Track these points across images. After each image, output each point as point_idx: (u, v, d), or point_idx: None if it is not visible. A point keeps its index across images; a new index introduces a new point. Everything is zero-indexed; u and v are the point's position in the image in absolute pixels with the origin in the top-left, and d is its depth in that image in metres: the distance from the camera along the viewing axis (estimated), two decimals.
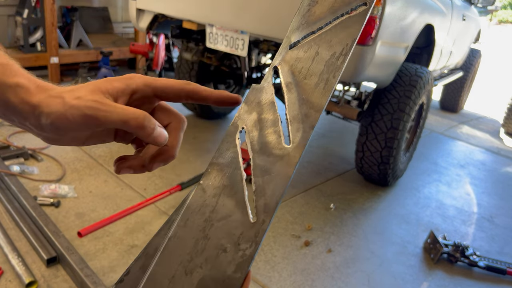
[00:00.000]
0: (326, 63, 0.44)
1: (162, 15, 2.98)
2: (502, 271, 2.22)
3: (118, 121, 0.37)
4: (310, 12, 0.46)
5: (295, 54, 0.45)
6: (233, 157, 0.42)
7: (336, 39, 0.45)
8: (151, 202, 2.28)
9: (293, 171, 0.40)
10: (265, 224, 0.38)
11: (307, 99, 0.43)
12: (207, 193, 0.40)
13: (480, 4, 4.57)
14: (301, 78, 0.44)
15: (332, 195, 2.82)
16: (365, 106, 2.89)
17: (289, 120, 0.43)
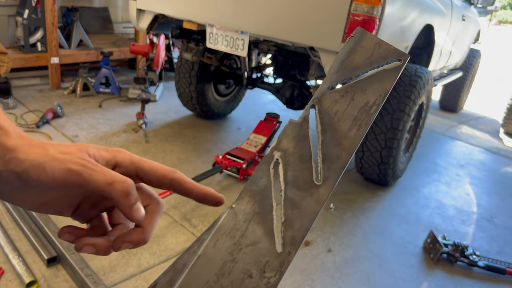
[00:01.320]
0: (360, 109, 0.46)
1: (162, 15, 2.98)
2: (502, 271, 2.22)
3: (103, 182, 0.36)
4: (349, 59, 0.49)
5: (333, 96, 0.47)
6: (266, 185, 0.43)
7: (371, 89, 0.47)
8: None
9: (320, 209, 0.41)
10: (291, 255, 0.39)
11: (340, 141, 0.45)
12: (238, 217, 0.41)
13: (480, 4, 4.57)
14: (336, 120, 0.46)
15: (332, 195, 2.81)
16: None
17: (321, 158, 0.44)
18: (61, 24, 4.71)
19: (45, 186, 0.36)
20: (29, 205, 0.40)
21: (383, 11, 2.12)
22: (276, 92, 3.37)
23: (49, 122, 3.31)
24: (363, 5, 2.07)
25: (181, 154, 3.08)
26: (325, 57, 2.25)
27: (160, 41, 4.35)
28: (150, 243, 2.05)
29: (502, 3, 27.10)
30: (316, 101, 0.47)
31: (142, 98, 3.61)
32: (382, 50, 0.49)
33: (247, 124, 3.97)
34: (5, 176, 0.35)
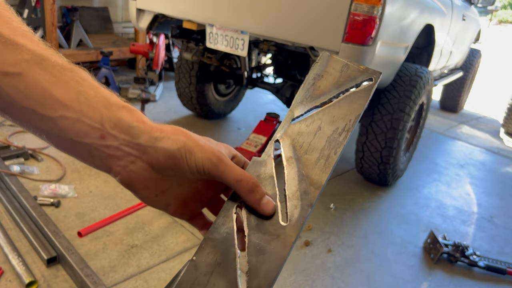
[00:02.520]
0: (328, 138, 0.44)
1: (162, 15, 2.98)
2: (502, 271, 2.22)
3: (233, 178, 0.40)
4: (315, 86, 0.46)
5: (298, 128, 0.44)
6: (228, 232, 0.40)
7: (340, 114, 0.44)
8: None
9: (288, 252, 0.38)
10: None
11: (307, 175, 0.42)
12: (199, 270, 0.38)
13: (480, 4, 4.57)
14: (302, 153, 0.43)
15: (332, 195, 2.82)
16: None
17: (287, 196, 0.42)
18: (60, 24, 4.71)
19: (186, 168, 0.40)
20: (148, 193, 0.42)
21: (383, 11, 2.11)
22: (276, 92, 3.37)
23: None
24: (363, 4, 2.06)
25: None
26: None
27: (160, 41, 4.35)
28: (149, 243, 2.05)
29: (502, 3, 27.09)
30: (280, 136, 0.44)
31: (142, 98, 3.61)
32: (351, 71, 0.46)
33: (247, 124, 3.96)
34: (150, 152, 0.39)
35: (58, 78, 0.37)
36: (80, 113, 0.37)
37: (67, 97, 0.37)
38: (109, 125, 0.38)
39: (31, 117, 0.37)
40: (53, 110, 0.37)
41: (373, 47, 2.19)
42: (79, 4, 4.94)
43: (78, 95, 0.37)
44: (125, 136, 0.39)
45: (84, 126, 0.38)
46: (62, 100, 0.37)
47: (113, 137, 0.39)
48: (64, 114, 0.37)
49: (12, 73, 0.35)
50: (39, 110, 0.36)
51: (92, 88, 0.39)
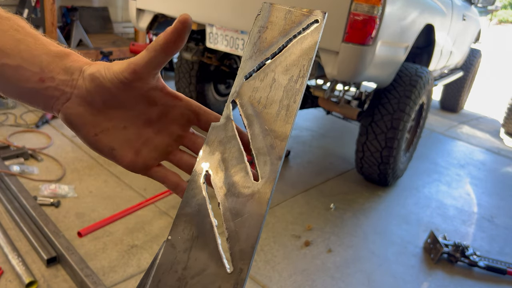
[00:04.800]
0: (285, 88, 0.42)
1: (162, 15, 2.98)
2: (502, 271, 2.22)
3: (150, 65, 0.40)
4: (261, 39, 0.44)
5: (252, 84, 0.43)
6: (200, 204, 0.38)
7: (292, 61, 0.43)
8: (151, 202, 2.29)
9: (266, 209, 0.37)
10: (243, 273, 0.35)
11: (270, 129, 0.41)
12: (177, 248, 0.37)
13: (480, 4, 4.57)
14: (261, 108, 0.42)
15: (332, 195, 2.81)
16: (365, 106, 2.89)
17: (255, 154, 0.40)
18: (60, 24, 4.71)
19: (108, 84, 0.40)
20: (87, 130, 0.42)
21: (383, 10, 2.11)
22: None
23: (49, 122, 3.31)
24: (363, 4, 2.06)
25: None
26: (325, 57, 2.24)
27: None
28: (149, 243, 2.04)
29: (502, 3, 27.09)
30: (235, 95, 0.43)
31: None
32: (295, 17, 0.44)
33: None
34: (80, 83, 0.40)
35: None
36: (21, 60, 0.39)
37: (7, 45, 0.38)
38: (48, 69, 0.40)
39: None
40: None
41: (373, 47, 2.19)
42: (79, 4, 4.94)
43: (18, 43, 0.39)
44: (61, 76, 0.40)
45: (25, 72, 0.39)
46: (2, 49, 0.38)
47: (51, 79, 0.40)
48: (5, 62, 0.38)
49: None
50: None
51: (31, 35, 0.40)
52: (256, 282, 1.90)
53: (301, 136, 3.83)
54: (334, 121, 4.35)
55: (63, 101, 0.41)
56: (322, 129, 4.18)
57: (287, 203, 2.63)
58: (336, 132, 4.18)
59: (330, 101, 2.90)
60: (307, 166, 3.23)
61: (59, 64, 0.40)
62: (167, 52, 0.40)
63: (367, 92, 2.95)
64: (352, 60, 2.17)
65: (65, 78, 0.40)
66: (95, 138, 0.42)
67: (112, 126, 0.42)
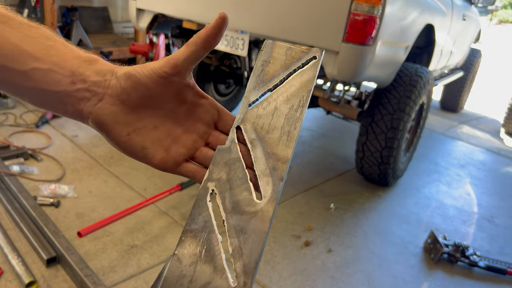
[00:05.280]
0: (286, 116, 0.45)
1: (162, 15, 2.98)
2: (503, 271, 2.22)
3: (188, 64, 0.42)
4: (264, 72, 0.48)
5: (255, 112, 0.46)
6: (206, 220, 0.41)
7: (292, 92, 0.46)
8: (151, 202, 2.28)
9: (268, 226, 0.40)
10: (247, 286, 0.37)
11: (272, 153, 0.44)
12: (183, 262, 0.39)
13: (480, 4, 4.56)
14: (264, 134, 0.45)
15: (332, 195, 2.81)
16: (365, 106, 2.88)
17: (258, 175, 0.43)
18: (60, 23, 4.70)
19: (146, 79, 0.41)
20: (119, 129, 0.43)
21: (383, 10, 2.11)
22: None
23: (49, 122, 3.31)
24: (363, 4, 2.06)
25: None
26: (325, 57, 2.24)
27: (160, 40, 4.35)
28: (149, 243, 2.04)
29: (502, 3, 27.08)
30: (240, 121, 0.46)
31: None
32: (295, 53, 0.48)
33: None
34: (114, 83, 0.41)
35: (26, 35, 0.39)
36: (52, 64, 0.40)
37: (38, 50, 0.39)
38: (78, 72, 0.41)
39: (3, 73, 0.38)
40: (25, 63, 0.38)
41: (374, 47, 2.19)
42: (79, 4, 4.94)
43: (48, 49, 0.40)
44: (93, 78, 0.41)
45: (55, 75, 0.40)
46: (33, 54, 0.39)
47: (82, 81, 0.41)
48: (36, 66, 0.39)
49: None
50: (11, 65, 0.38)
51: (60, 42, 0.41)
52: (256, 282, 1.90)
53: (301, 136, 3.83)
54: (334, 121, 4.35)
55: (94, 102, 0.41)
56: (322, 129, 4.18)
57: (287, 203, 2.63)
58: (336, 132, 4.18)
59: (330, 101, 2.90)
60: (307, 166, 3.23)
61: (89, 67, 0.41)
62: (206, 46, 0.42)
63: (367, 92, 2.95)
64: (352, 60, 2.17)
65: (96, 79, 0.41)
66: (127, 137, 0.43)
67: (143, 126, 0.43)
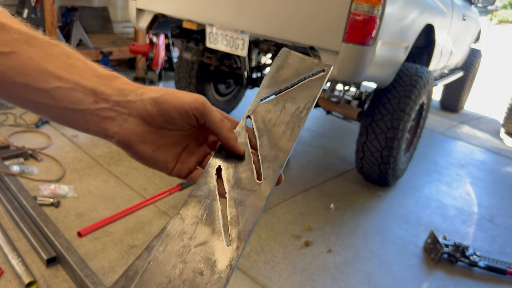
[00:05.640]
0: (292, 115, 0.52)
1: (162, 15, 2.97)
2: (503, 271, 2.22)
3: (217, 118, 0.46)
4: (278, 74, 0.54)
5: (266, 107, 0.53)
6: (210, 189, 0.46)
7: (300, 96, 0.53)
8: (151, 202, 2.28)
9: (264, 203, 0.45)
10: (239, 249, 0.42)
11: (276, 143, 0.50)
12: (186, 221, 0.43)
13: (480, 4, 4.56)
14: (271, 126, 0.51)
15: (332, 195, 2.81)
16: (365, 106, 2.88)
17: (261, 159, 0.49)
18: (60, 23, 4.70)
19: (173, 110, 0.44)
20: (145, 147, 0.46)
21: (383, 10, 2.11)
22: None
23: (49, 122, 3.31)
24: (363, 4, 2.06)
25: None
26: (325, 57, 2.24)
27: (159, 40, 4.35)
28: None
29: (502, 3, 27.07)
30: (251, 112, 0.52)
31: None
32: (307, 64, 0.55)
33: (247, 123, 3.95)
34: (139, 106, 0.43)
35: (48, 53, 0.40)
36: (73, 83, 0.41)
37: (60, 69, 0.40)
38: (100, 90, 0.42)
39: (26, 91, 0.40)
40: (47, 82, 0.40)
41: (374, 47, 2.19)
42: (79, 4, 4.94)
43: (70, 67, 0.41)
44: (116, 98, 0.43)
45: (78, 94, 0.41)
46: (54, 72, 0.40)
47: (105, 101, 0.42)
48: (58, 85, 0.40)
49: (4, 52, 0.38)
50: (34, 84, 0.39)
51: (81, 61, 0.42)
52: (256, 282, 1.90)
53: (301, 136, 3.83)
54: (334, 121, 4.35)
55: (119, 122, 0.43)
56: (322, 129, 4.18)
57: (287, 203, 2.63)
58: (336, 132, 4.18)
59: (330, 101, 2.90)
60: (307, 166, 3.23)
61: (111, 85, 0.43)
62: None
63: (367, 92, 2.95)
64: (352, 60, 2.17)
65: (119, 99, 0.43)
66: (152, 154, 0.47)
67: (165, 143, 0.47)
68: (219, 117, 0.46)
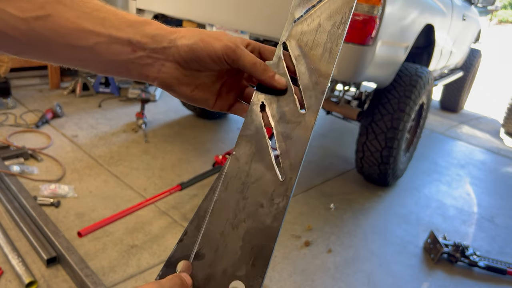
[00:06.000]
0: (328, 33, 0.49)
1: (162, 15, 2.98)
2: (502, 271, 2.22)
3: (248, 61, 0.47)
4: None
5: (300, 28, 0.50)
6: (258, 127, 0.48)
7: (335, 9, 0.50)
8: (151, 202, 2.28)
9: (310, 133, 0.46)
10: (293, 180, 0.45)
11: (315, 68, 0.49)
12: (240, 161, 0.46)
13: (480, 4, 4.57)
14: (308, 50, 0.49)
15: (332, 195, 2.81)
16: (365, 106, 2.88)
17: (302, 89, 0.48)
18: None
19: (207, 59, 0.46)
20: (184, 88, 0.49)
21: (383, 10, 2.11)
22: None
23: (49, 122, 3.31)
24: (363, 4, 2.06)
25: (181, 154, 3.07)
26: None
27: None
28: (149, 243, 2.04)
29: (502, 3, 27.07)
30: (286, 38, 0.51)
31: (141, 98, 3.61)
32: None
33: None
34: (174, 51, 0.46)
35: (81, 11, 0.42)
36: (110, 36, 0.43)
37: (95, 25, 0.43)
38: (135, 39, 0.45)
39: (70, 50, 0.43)
40: (87, 39, 0.42)
41: (373, 47, 2.19)
42: None
43: (103, 21, 0.43)
44: (151, 45, 0.45)
45: (116, 46, 0.44)
46: (92, 29, 0.42)
47: (141, 49, 0.45)
48: (97, 41, 0.43)
49: (43, 16, 0.40)
50: (75, 43, 0.42)
51: (111, 12, 0.44)
52: None
53: None
54: (334, 121, 4.35)
55: (158, 67, 0.46)
56: (322, 129, 4.18)
57: None
58: (336, 132, 4.18)
59: (330, 101, 2.90)
60: (307, 166, 3.23)
61: (145, 33, 0.45)
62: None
63: (367, 92, 2.95)
64: (352, 60, 2.17)
65: (154, 46, 0.45)
66: (192, 93, 0.50)
67: (203, 82, 0.50)
68: (250, 61, 0.47)
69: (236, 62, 0.47)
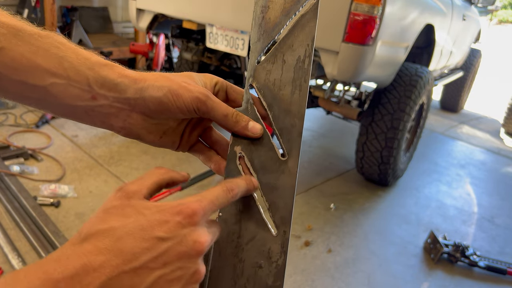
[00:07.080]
0: (294, 69, 0.46)
1: (162, 15, 2.97)
2: (503, 271, 2.22)
3: (220, 113, 0.44)
4: (265, 20, 0.47)
5: (264, 67, 0.47)
6: None
7: (297, 42, 0.46)
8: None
9: (295, 180, 0.44)
10: (287, 234, 0.43)
11: (288, 110, 0.46)
12: (229, 222, 0.44)
13: (480, 4, 4.56)
14: (277, 90, 0.46)
15: (332, 195, 2.81)
16: (365, 106, 2.88)
17: (278, 133, 0.46)
18: (60, 24, 4.70)
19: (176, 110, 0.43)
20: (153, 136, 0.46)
21: (383, 10, 2.11)
22: None
23: (49, 122, 3.31)
24: (363, 4, 2.06)
25: (181, 154, 3.07)
26: (325, 57, 2.24)
27: (159, 40, 4.35)
28: None
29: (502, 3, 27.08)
30: (251, 80, 0.47)
31: None
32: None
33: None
34: (140, 103, 0.42)
35: (38, 47, 0.38)
36: (68, 78, 0.39)
37: (52, 64, 0.39)
38: (96, 86, 0.40)
39: (24, 88, 0.39)
40: (42, 78, 0.38)
41: (374, 47, 2.19)
42: (79, 4, 4.94)
43: (61, 60, 0.39)
44: (113, 94, 0.41)
45: (74, 90, 0.40)
46: (47, 68, 0.38)
47: (103, 97, 0.41)
48: (53, 81, 0.39)
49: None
50: (29, 81, 0.38)
51: (72, 51, 0.40)
52: None
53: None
54: (334, 121, 4.35)
55: (123, 117, 0.43)
56: (322, 129, 4.18)
57: None
58: (336, 132, 4.18)
59: (330, 101, 2.90)
60: (307, 166, 3.23)
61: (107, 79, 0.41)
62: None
63: (367, 92, 2.95)
64: (352, 60, 2.17)
65: (117, 95, 0.42)
66: (160, 140, 0.47)
67: (170, 127, 0.47)
68: (222, 113, 0.44)
69: (207, 114, 0.44)
